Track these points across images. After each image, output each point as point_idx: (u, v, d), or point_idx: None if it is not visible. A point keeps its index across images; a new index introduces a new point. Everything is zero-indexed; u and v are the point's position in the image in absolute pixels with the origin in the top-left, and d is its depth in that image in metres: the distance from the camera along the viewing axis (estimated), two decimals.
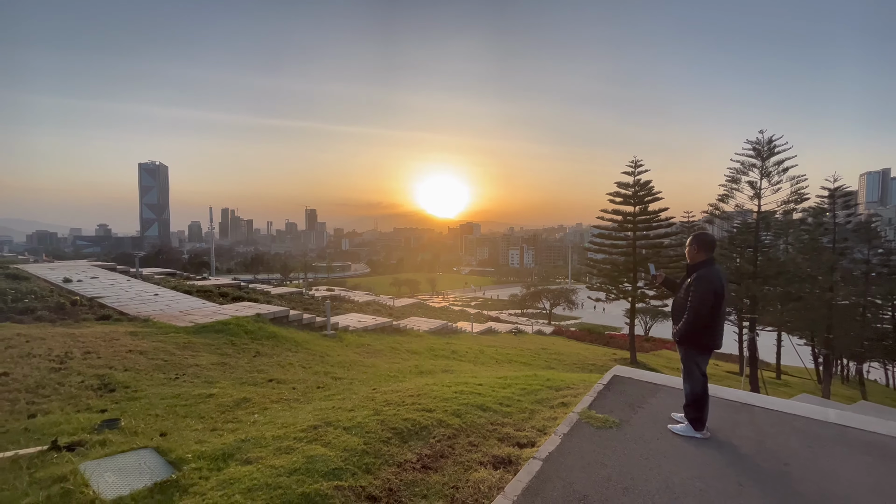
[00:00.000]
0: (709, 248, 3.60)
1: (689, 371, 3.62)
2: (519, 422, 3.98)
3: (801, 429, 3.99)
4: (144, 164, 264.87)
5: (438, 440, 3.38)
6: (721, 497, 2.77)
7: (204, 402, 4.58)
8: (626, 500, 2.67)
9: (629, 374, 5.58)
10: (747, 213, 20.95)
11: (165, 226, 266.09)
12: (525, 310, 61.87)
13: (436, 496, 2.60)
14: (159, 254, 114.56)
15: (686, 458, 3.29)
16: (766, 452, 3.45)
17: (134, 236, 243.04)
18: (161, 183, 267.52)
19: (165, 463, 2.84)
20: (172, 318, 9.22)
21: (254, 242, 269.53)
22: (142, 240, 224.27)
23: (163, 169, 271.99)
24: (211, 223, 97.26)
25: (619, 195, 22.15)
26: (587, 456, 3.22)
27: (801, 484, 2.98)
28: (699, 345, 3.53)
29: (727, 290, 3.57)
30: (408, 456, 3.06)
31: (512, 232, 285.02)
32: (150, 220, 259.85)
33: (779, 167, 18.90)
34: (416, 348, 12.48)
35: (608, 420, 3.90)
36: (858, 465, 3.29)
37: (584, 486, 2.78)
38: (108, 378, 4.97)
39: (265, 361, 7.17)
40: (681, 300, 3.57)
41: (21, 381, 4.52)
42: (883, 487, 2.98)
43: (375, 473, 2.77)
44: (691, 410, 3.64)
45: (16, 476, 2.58)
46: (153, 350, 6.52)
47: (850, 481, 3.04)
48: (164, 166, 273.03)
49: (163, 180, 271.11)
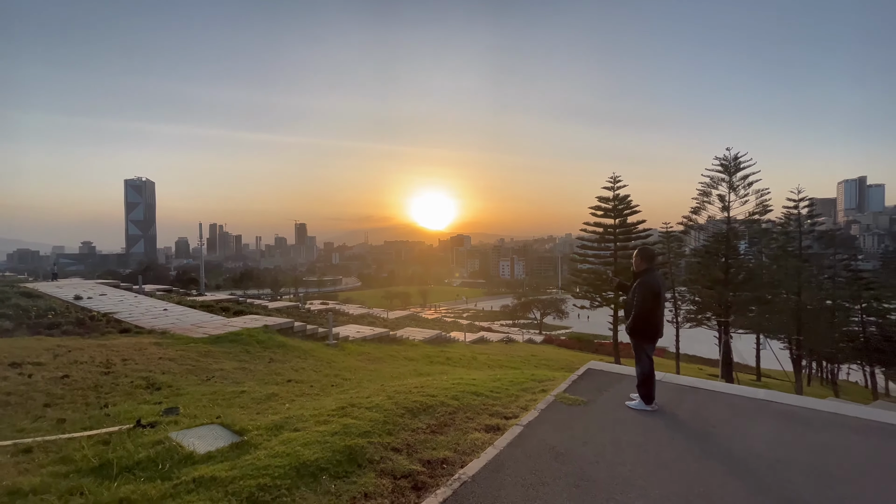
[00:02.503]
0: (650, 259, 4.59)
1: (638, 356, 4.56)
2: (506, 403, 4.86)
3: (732, 404, 4.94)
4: (130, 181, 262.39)
5: (442, 415, 4.25)
6: (655, 446, 3.68)
7: (238, 397, 5.38)
8: (584, 450, 3.57)
9: (601, 367, 6.53)
10: (718, 223, 22.39)
11: (152, 242, 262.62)
12: (516, 320, 62.76)
13: (443, 448, 3.47)
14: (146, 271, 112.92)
15: (635, 423, 4.21)
16: (699, 419, 4.39)
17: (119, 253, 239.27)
18: (147, 199, 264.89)
19: (232, 433, 3.67)
20: (187, 331, 9.91)
21: (243, 258, 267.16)
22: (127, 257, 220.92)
23: (149, 185, 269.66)
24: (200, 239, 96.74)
25: (600, 209, 23.47)
26: (558, 423, 4.12)
27: (719, 437, 3.92)
28: (644, 335, 4.49)
29: (664, 292, 4.55)
30: (419, 425, 3.93)
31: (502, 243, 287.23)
32: (136, 237, 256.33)
33: (744, 181, 20.44)
34: (413, 356, 13.27)
35: (578, 400, 4.82)
36: (767, 426, 4.24)
37: (553, 441, 3.67)
38: (151, 379, 5.74)
39: (280, 366, 7.94)
40: (629, 300, 4.54)
41: (81, 381, 5.27)
42: (780, 438, 3.93)
43: (396, 435, 3.63)
44: (642, 388, 4.57)
45: (123, 442, 3.38)
46: (180, 357, 7.26)
47: (756, 436, 3.98)
48: (150, 182, 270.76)
49: (149, 196, 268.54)
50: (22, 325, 8.77)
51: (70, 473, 2.86)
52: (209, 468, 2.91)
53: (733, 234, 20.77)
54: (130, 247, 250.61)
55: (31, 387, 4.87)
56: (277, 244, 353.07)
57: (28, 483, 2.67)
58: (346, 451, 3.21)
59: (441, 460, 3.27)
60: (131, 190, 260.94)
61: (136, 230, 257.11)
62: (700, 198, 21.74)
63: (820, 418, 4.51)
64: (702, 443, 3.82)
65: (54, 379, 5.23)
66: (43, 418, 4.04)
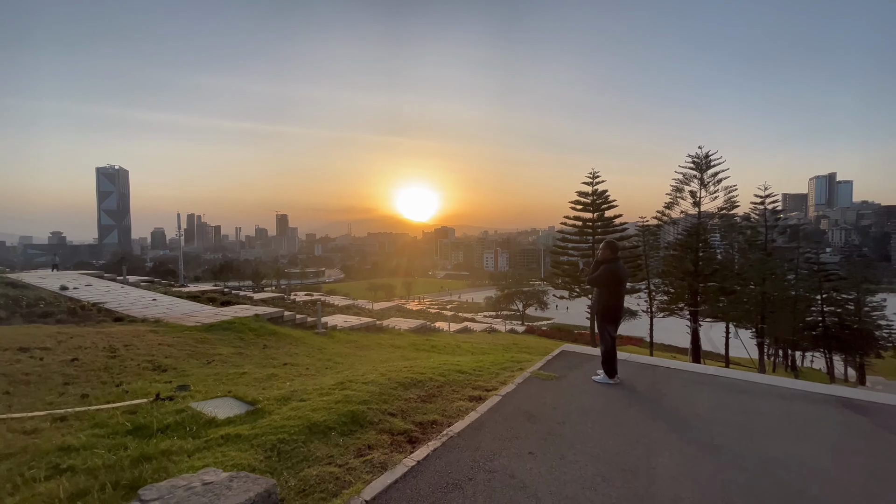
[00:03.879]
0: (615, 250, 5.20)
1: (602, 336, 5.19)
2: (487, 379, 5.44)
3: (685, 378, 5.64)
4: (102, 169, 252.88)
5: (430, 388, 4.80)
6: (614, 411, 4.31)
7: (241, 377, 5.81)
8: (553, 413, 4.16)
9: (573, 349, 7.19)
10: (690, 218, 23.55)
11: (126, 232, 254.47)
12: (499, 311, 63.86)
13: (432, 413, 4.01)
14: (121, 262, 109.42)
15: (599, 394, 4.84)
16: (654, 390, 5.06)
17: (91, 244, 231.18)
18: (121, 188, 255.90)
19: (244, 403, 4.13)
20: (179, 319, 10.18)
21: (222, 249, 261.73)
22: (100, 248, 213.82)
23: (123, 173, 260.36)
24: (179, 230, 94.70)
25: (579, 203, 24.34)
26: (531, 393, 4.72)
27: (668, 403, 4.58)
28: (607, 317, 5.11)
29: (625, 280, 5.17)
30: (410, 396, 4.46)
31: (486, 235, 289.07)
32: (110, 227, 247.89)
33: (714, 178, 21.57)
34: (400, 344, 13.78)
35: (551, 375, 5.43)
36: (711, 394, 4.94)
37: (526, 407, 4.26)
38: (156, 362, 6.11)
39: (274, 352, 8.36)
40: (596, 287, 5.15)
41: (90, 364, 5.61)
42: (720, 403, 4.61)
43: (391, 403, 4.16)
44: (605, 364, 5.21)
45: (150, 411, 3.81)
46: (178, 344, 7.60)
47: (699, 402, 4.66)
48: (123, 170, 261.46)
49: (123, 185, 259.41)
50: (15, 314, 8.92)
51: (109, 435, 3.29)
52: (232, 428, 3.38)
53: (703, 229, 21.96)
54: (103, 237, 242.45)
55: (45, 368, 5.20)
56: (258, 235, 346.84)
57: (76, 442, 3.10)
58: (349, 414, 3.72)
59: (431, 422, 3.81)
60: (103, 178, 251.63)
61: (110, 220, 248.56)
62: (673, 193, 22.90)
63: (756, 388, 5.23)
64: (653, 407, 4.47)
65: (65, 362, 5.56)
66: (66, 394, 4.41)
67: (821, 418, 4.29)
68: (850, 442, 3.74)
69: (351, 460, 2.99)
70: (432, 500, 2.56)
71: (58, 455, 2.90)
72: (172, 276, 78.49)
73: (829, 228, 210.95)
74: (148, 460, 2.81)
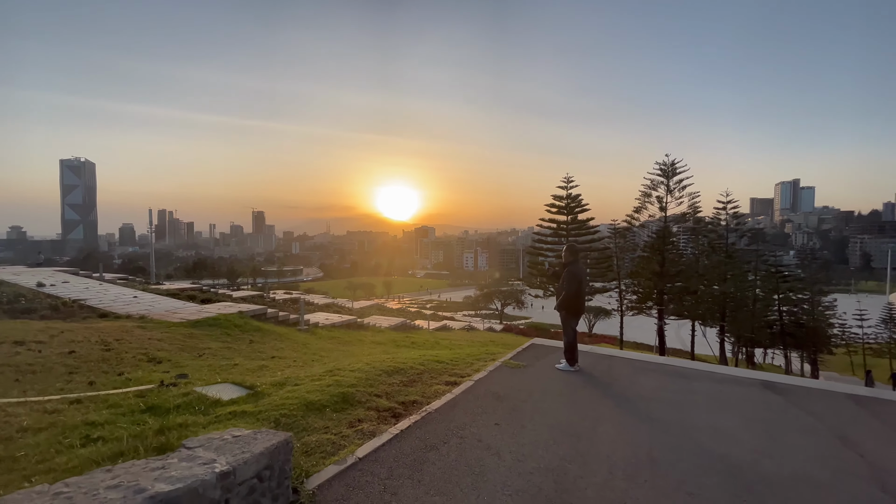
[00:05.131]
0: (575, 253, 5.87)
1: (565, 329, 5.86)
2: (463, 368, 6.03)
3: (637, 366, 6.38)
4: (67, 161, 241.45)
5: (411, 375, 5.35)
6: (571, 392, 4.97)
7: (233, 368, 6.21)
8: (517, 394, 4.78)
9: (543, 342, 7.88)
10: (657, 222, 24.91)
11: (92, 228, 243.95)
12: (478, 311, 64.74)
13: (413, 395, 4.57)
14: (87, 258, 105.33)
15: (560, 379, 5.50)
16: (608, 376, 5.76)
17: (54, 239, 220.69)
18: (87, 181, 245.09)
19: (244, 388, 4.59)
20: (163, 316, 10.38)
21: (195, 246, 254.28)
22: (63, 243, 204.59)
23: (88, 166, 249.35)
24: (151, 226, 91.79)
25: (555, 206, 25.37)
26: (501, 379, 5.34)
27: (619, 386, 5.28)
28: (569, 311, 5.79)
29: (585, 279, 5.86)
30: (394, 381, 5.01)
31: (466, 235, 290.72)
32: (74, 222, 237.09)
33: (679, 185, 22.94)
34: (381, 340, 14.24)
35: (519, 364, 6.08)
36: (657, 378, 5.67)
37: (495, 389, 4.88)
38: (150, 355, 6.43)
39: (261, 346, 8.72)
40: (559, 285, 5.81)
41: (88, 356, 5.91)
42: (662, 385, 5.34)
43: (376, 387, 4.69)
44: (567, 353, 5.88)
45: (158, 395, 4.22)
46: (167, 338, 7.89)
47: (645, 384, 5.38)
48: (90, 163, 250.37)
49: (89, 178, 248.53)
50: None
51: (126, 413, 3.71)
52: (237, 407, 3.85)
53: (669, 232, 23.30)
54: (67, 233, 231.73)
55: (45, 359, 5.48)
56: (233, 232, 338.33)
57: (99, 418, 3.52)
58: (340, 395, 4.24)
59: (412, 401, 4.37)
60: (68, 171, 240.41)
61: (74, 214, 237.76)
62: (642, 198, 24.21)
63: (696, 374, 6.02)
64: (605, 389, 5.16)
65: (63, 354, 5.83)
66: (73, 381, 4.76)
67: (743, 397, 5.07)
68: (761, 415, 4.50)
69: (344, 430, 3.52)
70: (414, 458, 3.12)
71: (86, 428, 3.32)
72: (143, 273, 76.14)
73: (793, 232, 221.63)
74: (169, 431, 3.27)
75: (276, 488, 2.31)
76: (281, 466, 2.36)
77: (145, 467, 2.03)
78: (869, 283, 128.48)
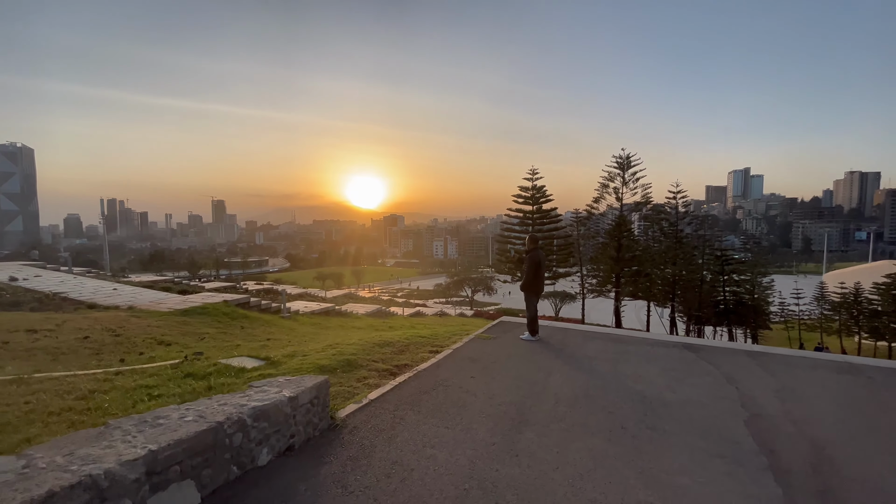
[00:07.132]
0: (535, 242, 7.01)
1: (528, 305, 7.01)
2: (442, 341, 7.08)
3: (587, 336, 7.64)
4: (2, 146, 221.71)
5: (400, 346, 6.35)
6: (530, 355, 6.12)
7: (237, 348, 6.96)
8: (488, 358, 5.88)
9: (510, 319, 9.06)
10: (614, 210, 26.93)
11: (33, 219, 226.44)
12: (449, 298, 66.25)
13: (404, 360, 5.57)
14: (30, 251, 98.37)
15: (523, 346, 6.65)
16: (562, 343, 6.97)
17: None
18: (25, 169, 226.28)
19: (259, 360, 5.43)
20: (151, 306, 10.79)
21: (150, 237, 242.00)
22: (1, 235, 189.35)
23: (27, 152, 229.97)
24: (102, 216, 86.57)
25: (521, 196, 26.84)
26: (474, 347, 6.43)
27: (570, 350, 6.48)
28: (531, 290, 6.93)
29: (544, 263, 7.01)
30: (386, 351, 5.98)
31: (436, 223, 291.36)
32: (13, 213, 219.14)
33: (633, 177, 24.90)
34: (360, 325, 15.08)
35: (490, 336, 7.19)
36: (601, 344, 6.93)
37: (470, 355, 5.96)
38: (158, 338, 7.07)
39: (252, 331, 9.43)
40: (523, 269, 6.94)
41: (102, 341, 6.50)
42: (604, 349, 6.59)
43: (372, 355, 5.66)
44: (529, 326, 7.04)
45: (188, 366, 5.00)
46: (165, 325, 8.47)
47: (592, 348, 6.61)
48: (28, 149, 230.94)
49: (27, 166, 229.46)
50: None
51: (171, 379, 4.49)
52: (263, 371, 4.72)
53: (624, 220, 25.32)
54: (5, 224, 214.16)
55: (64, 344, 6.06)
56: (192, 222, 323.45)
57: (150, 382, 4.30)
58: (345, 361, 5.18)
59: (404, 364, 5.37)
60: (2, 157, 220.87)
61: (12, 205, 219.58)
62: (600, 189, 26.08)
63: (633, 340, 7.33)
64: (557, 352, 6.35)
65: (78, 339, 6.40)
66: (104, 361, 5.43)
67: (666, 355, 6.39)
68: (675, 366, 5.81)
69: (354, 384, 4.48)
70: (412, 398, 4.14)
71: (144, 390, 4.10)
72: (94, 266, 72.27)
73: (744, 218, 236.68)
74: (215, 388, 4.11)
75: (321, 412, 3.27)
76: (323, 398, 3.31)
77: (234, 397, 2.93)
78: (809, 264, 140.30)
